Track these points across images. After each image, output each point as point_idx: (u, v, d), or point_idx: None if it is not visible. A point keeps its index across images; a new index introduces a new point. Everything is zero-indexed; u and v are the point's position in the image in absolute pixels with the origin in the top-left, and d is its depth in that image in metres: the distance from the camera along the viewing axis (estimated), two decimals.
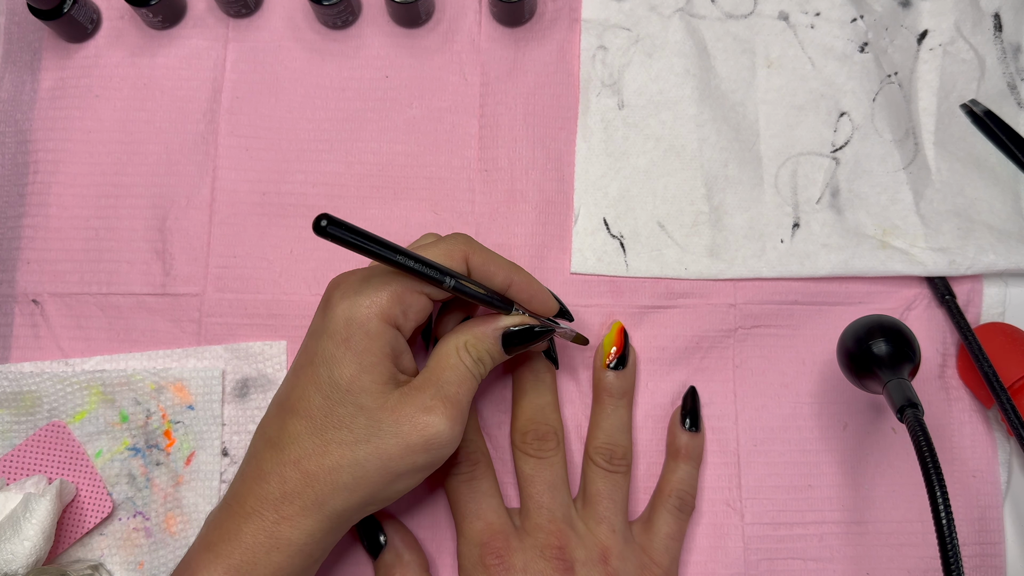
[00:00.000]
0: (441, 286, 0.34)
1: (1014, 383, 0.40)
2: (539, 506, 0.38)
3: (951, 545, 0.32)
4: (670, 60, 0.45)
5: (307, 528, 0.32)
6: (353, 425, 0.32)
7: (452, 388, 0.33)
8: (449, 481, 0.39)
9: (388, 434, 0.32)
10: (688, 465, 0.41)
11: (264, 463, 0.33)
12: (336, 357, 0.33)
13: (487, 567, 0.37)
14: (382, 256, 0.32)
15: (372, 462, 0.32)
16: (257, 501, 0.32)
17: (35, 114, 0.44)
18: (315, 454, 0.32)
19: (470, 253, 0.35)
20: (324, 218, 0.30)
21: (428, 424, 0.32)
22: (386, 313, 0.33)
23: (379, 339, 0.33)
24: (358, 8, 0.45)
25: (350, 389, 0.32)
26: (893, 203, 0.44)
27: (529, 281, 0.37)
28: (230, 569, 0.32)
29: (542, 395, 0.40)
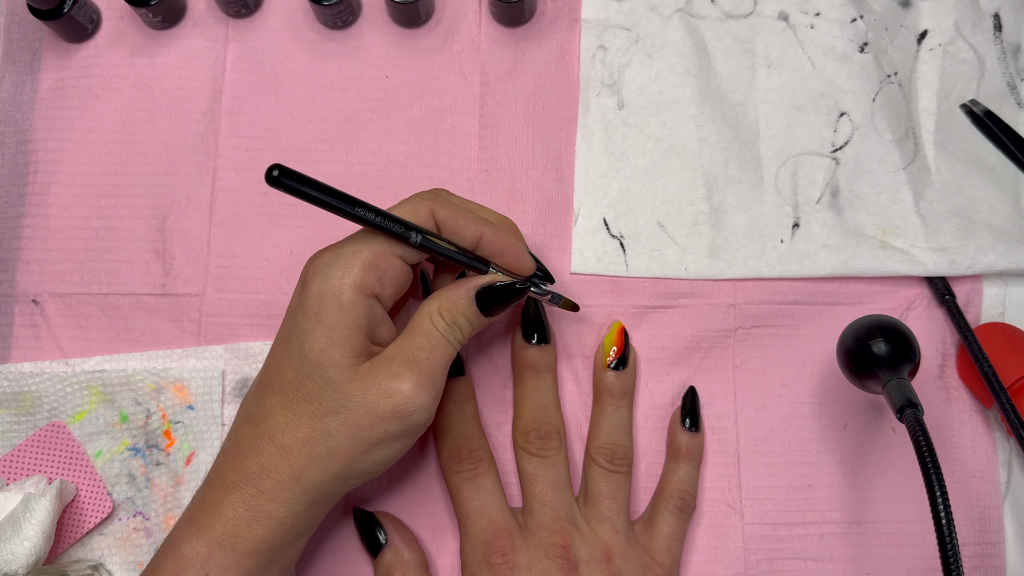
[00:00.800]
0: (407, 242, 0.33)
1: (1014, 383, 0.40)
2: (543, 505, 0.38)
3: (951, 545, 0.32)
4: (670, 60, 0.45)
5: (287, 501, 0.32)
6: (322, 398, 0.32)
7: (422, 354, 0.33)
8: (452, 479, 0.39)
9: (356, 404, 0.32)
10: (689, 465, 0.41)
11: (243, 438, 0.33)
12: (307, 331, 0.32)
13: (492, 565, 0.36)
14: (338, 208, 0.31)
15: (343, 432, 0.32)
16: (237, 475, 0.32)
17: (35, 114, 0.44)
18: (288, 427, 0.32)
19: (436, 207, 0.34)
20: (276, 168, 0.30)
21: (394, 390, 0.32)
22: (359, 282, 0.32)
23: (352, 310, 0.32)
24: (358, 8, 0.45)
25: (319, 363, 0.32)
26: (893, 203, 0.44)
27: (500, 235, 0.35)
28: (211, 541, 0.32)
29: (544, 394, 0.40)
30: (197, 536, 0.32)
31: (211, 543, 0.32)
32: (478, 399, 0.42)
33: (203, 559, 0.32)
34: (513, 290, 0.36)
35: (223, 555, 0.32)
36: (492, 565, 0.36)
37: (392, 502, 0.41)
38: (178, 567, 0.32)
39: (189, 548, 0.32)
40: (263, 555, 0.32)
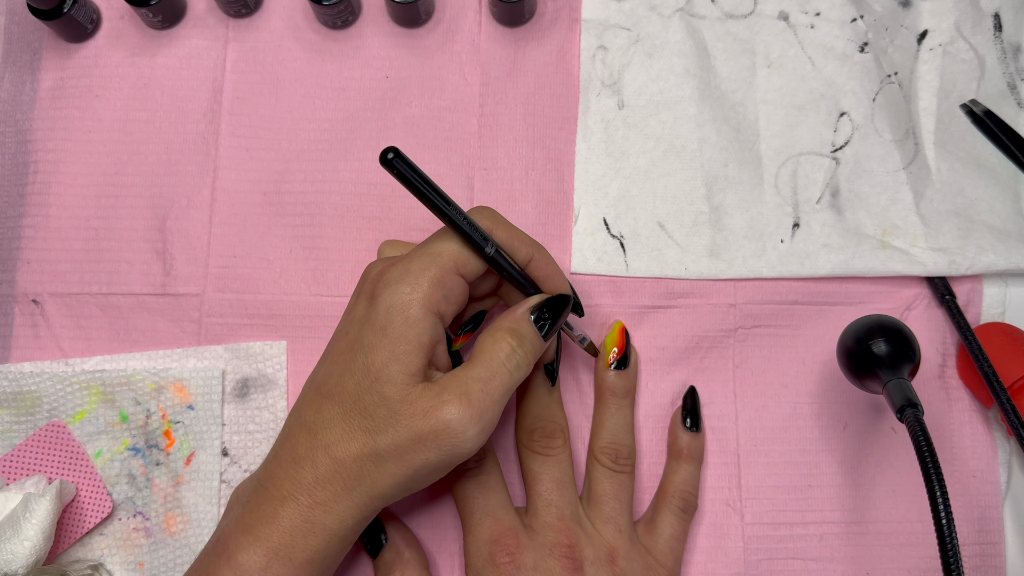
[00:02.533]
0: (482, 251, 0.34)
1: (1014, 383, 0.40)
2: (548, 504, 0.38)
3: (951, 545, 0.32)
4: (670, 60, 0.45)
5: (340, 513, 0.32)
6: (376, 413, 0.32)
7: (477, 385, 0.33)
8: (455, 478, 0.39)
9: (403, 427, 0.32)
10: (690, 465, 0.41)
11: (298, 446, 0.33)
12: (372, 344, 0.33)
13: (497, 565, 0.36)
14: (434, 203, 0.32)
15: (390, 453, 0.32)
16: (292, 485, 0.33)
17: (35, 114, 0.44)
18: (344, 440, 0.33)
19: (495, 227, 0.35)
20: (391, 151, 0.31)
21: (440, 417, 0.32)
22: (428, 299, 0.33)
23: (417, 326, 0.33)
24: (358, 8, 0.45)
25: (378, 377, 0.32)
26: (893, 203, 0.44)
27: (549, 260, 0.37)
28: (269, 551, 0.32)
29: (547, 393, 0.40)
30: (254, 546, 0.32)
31: (268, 553, 0.32)
32: None
33: (261, 568, 0.32)
34: (563, 303, 0.36)
35: (280, 565, 0.32)
36: (498, 564, 0.36)
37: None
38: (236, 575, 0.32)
39: (246, 557, 0.32)
40: (317, 564, 0.33)
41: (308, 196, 0.44)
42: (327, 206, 0.44)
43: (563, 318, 0.36)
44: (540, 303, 0.36)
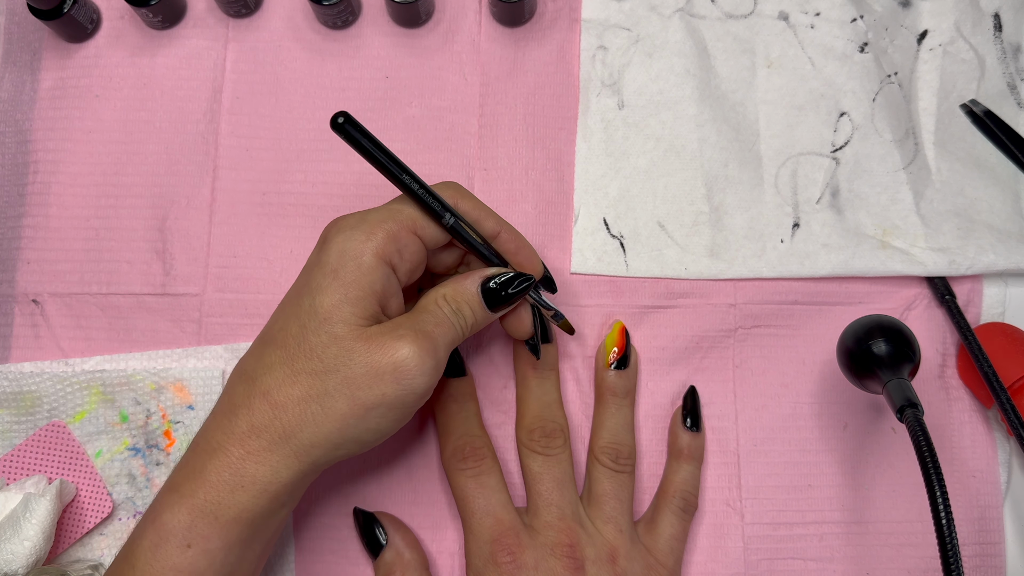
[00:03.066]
0: (440, 221, 0.34)
1: (1014, 383, 0.40)
2: (548, 503, 0.38)
3: (951, 545, 0.32)
4: (670, 60, 0.45)
5: (273, 464, 0.31)
6: (324, 354, 0.31)
7: (428, 326, 0.33)
8: (456, 477, 0.39)
9: (357, 362, 0.31)
10: (691, 465, 0.41)
11: (235, 396, 0.32)
12: (322, 286, 0.32)
13: (498, 564, 0.36)
14: (387, 169, 0.32)
15: (340, 391, 0.31)
16: (224, 436, 0.32)
17: (35, 114, 0.44)
18: (285, 384, 0.32)
19: (459, 199, 0.35)
20: (342, 115, 0.31)
21: (397, 349, 0.31)
22: (381, 248, 0.33)
23: (370, 273, 0.32)
24: (358, 8, 0.45)
25: (328, 318, 0.32)
26: (893, 203, 0.44)
27: (516, 234, 0.36)
28: (193, 509, 0.31)
29: (548, 392, 0.40)
30: (179, 504, 0.31)
31: (193, 511, 0.31)
32: (479, 400, 0.42)
33: (185, 528, 0.30)
34: (519, 283, 0.36)
35: (205, 524, 0.31)
36: (499, 564, 0.36)
37: (392, 502, 0.41)
38: (159, 537, 0.31)
39: (170, 517, 0.31)
40: (246, 524, 0.31)
41: (308, 196, 0.44)
42: (327, 206, 0.44)
43: (519, 295, 0.36)
44: (493, 275, 0.35)
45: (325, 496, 0.41)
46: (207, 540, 0.31)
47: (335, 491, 0.41)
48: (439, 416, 0.40)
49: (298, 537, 0.41)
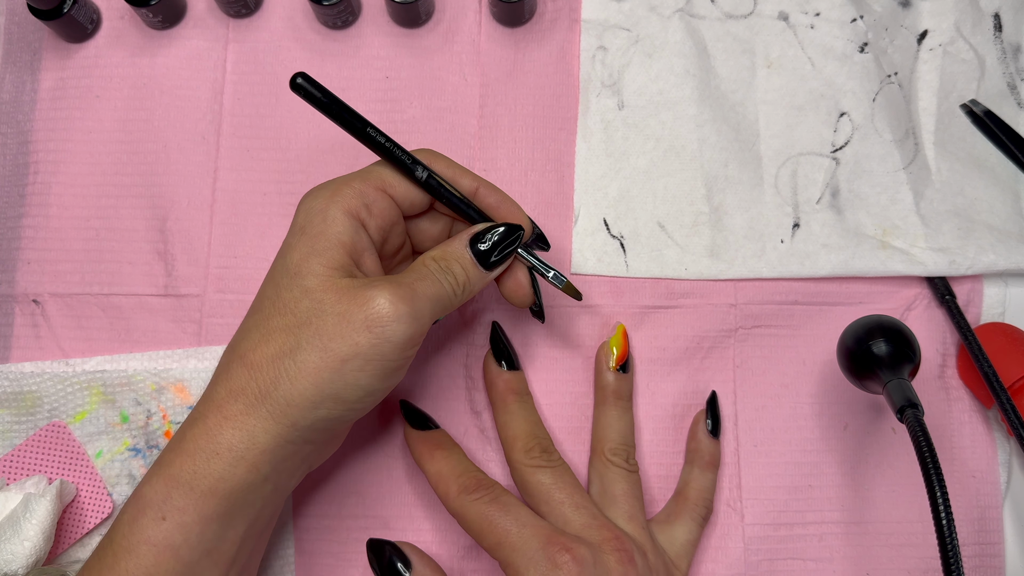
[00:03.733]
0: (413, 175, 0.33)
1: (1014, 383, 0.40)
2: (577, 507, 0.36)
3: (951, 545, 0.32)
4: (670, 60, 0.45)
5: (249, 428, 0.30)
6: (296, 308, 0.31)
7: (408, 279, 0.32)
8: (472, 508, 0.35)
9: (328, 313, 0.30)
10: (713, 473, 0.40)
11: (218, 368, 0.32)
12: (291, 245, 0.32)
13: (559, 565, 0.33)
14: (350, 124, 0.32)
15: (313, 343, 0.30)
16: (203, 405, 0.31)
17: (35, 114, 0.44)
18: (260, 344, 0.31)
19: (432, 159, 0.35)
20: (300, 75, 0.31)
21: (369, 298, 0.30)
22: (346, 203, 0.32)
23: (335, 224, 0.32)
24: (358, 8, 0.45)
25: (298, 272, 0.31)
26: (893, 203, 0.44)
27: (496, 189, 0.36)
28: (169, 479, 0.30)
29: (532, 413, 0.40)
30: (157, 475, 0.30)
31: (169, 481, 0.30)
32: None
33: (161, 500, 0.30)
34: (510, 234, 0.35)
35: (181, 495, 0.30)
36: (559, 564, 0.33)
37: (393, 504, 0.41)
38: (137, 510, 0.30)
39: (148, 488, 0.30)
40: (223, 496, 0.30)
41: None
42: None
43: (512, 247, 0.35)
44: (482, 230, 0.34)
45: (325, 498, 0.41)
46: (182, 512, 0.30)
47: (335, 492, 0.41)
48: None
49: (298, 539, 0.41)
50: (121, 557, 0.30)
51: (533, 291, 0.37)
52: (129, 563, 0.29)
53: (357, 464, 0.41)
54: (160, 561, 0.29)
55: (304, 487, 0.41)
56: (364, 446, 0.42)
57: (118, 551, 0.30)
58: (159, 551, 0.29)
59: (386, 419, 0.42)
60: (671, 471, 0.42)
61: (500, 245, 0.34)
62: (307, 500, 0.41)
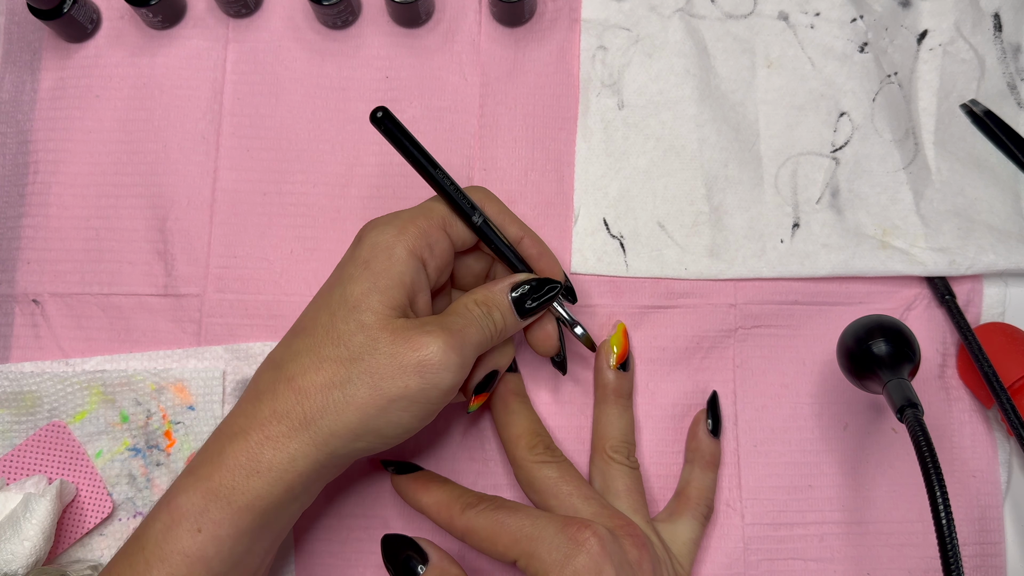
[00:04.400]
0: (470, 219, 0.35)
1: (1014, 383, 0.40)
2: (586, 498, 0.37)
3: (951, 545, 0.32)
4: (670, 60, 0.45)
5: (291, 451, 0.31)
6: (351, 342, 0.32)
7: (456, 325, 0.33)
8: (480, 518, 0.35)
9: (382, 352, 0.31)
10: (714, 472, 0.41)
11: (261, 383, 0.33)
12: (353, 276, 0.33)
13: (581, 542, 0.33)
14: (421, 165, 0.34)
15: (363, 379, 0.31)
16: (246, 420, 0.32)
17: (35, 114, 0.44)
18: (310, 370, 0.32)
19: (485, 202, 0.36)
20: (381, 110, 0.33)
21: (423, 343, 0.31)
22: (412, 243, 0.33)
23: (400, 264, 0.33)
24: (358, 8, 0.45)
25: (357, 306, 0.32)
26: (893, 203, 0.44)
27: (539, 241, 0.37)
28: (208, 493, 0.30)
29: (532, 412, 0.40)
30: (195, 487, 0.31)
31: (207, 495, 0.30)
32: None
33: (198, 512, 0.30)
34: (546, 290, 0.36)
35: (218, 509, 0.30)
36: (581, 542, 0.33)
37: (394, 503, 0.41)
38: (172, 519, 0.30)
39: (185, 499, 0.31)
40: (259, 513, 0.31)
41: (308, 196, 0.44)
42: (327, 207, 0.44)
43: (548, 301, 0.36)
44: (523, 280, 0.36)
45: (325, 497, 0.41)
46: (218, 526, 0.30)
47: (335, 492, 0.41)
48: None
49: (298, 539, 0.41)
50: (154, 565, 0.30)
51: (560, 343, 0.39)
52: (162, 572, 0.30)
53: (357, 464, 0.41)
54: (192, 572, 0.30)
55: None
56: None
57: (151, 559, 0.30)
58: (192, 562, 0.30)
59: None
60: (671, 471, 0.42)
61: (538, 297, 0.36)
62: None
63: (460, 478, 0.41)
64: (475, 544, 0.35)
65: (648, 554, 0.35)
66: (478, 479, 0.41)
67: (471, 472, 0.42)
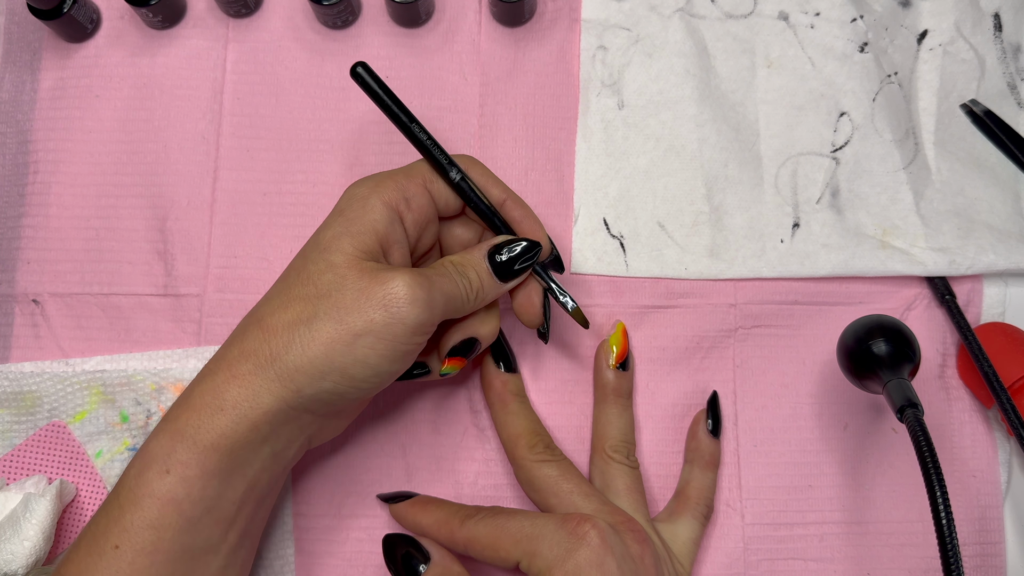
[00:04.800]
0: (448, 175, 0.35)
1: (1014, 383, 0.40)
2: (586, 495, 0.37)
3: (951, 545, 0.32)
4: (670, 60, 0.45)
5: (255, 388, 0.31)
6: (319, 280, 0.32)
7: (427, 272, 0.33)
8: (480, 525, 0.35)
9: (349, 289, 0.32)
10: (713, 472, 0.41)
11: (234, 331, 0.33)
12: (327, 224, 0.34)
13: (581, 536, 0.33)
14: (398, 118, 0.35)
15: (329, 314, 0.31)
16: (214, 363, 0.32)
17: (35, 114, 0.44)
18: (278, 310, 0.32)
19: (470, 165, 0.37)
20: (360, 65, 0.35)
21: (389, 278, 0.32)
22: (387, 195, 0.34)
23: (373, 212, 0.33)
24: (358, 8, 0.45)
25: (327, 247, 0.33)
26: (893, 203, 0.44)
27: (522, 204, 0.37)
28: (174, 433, 0.31)
29: (530, 412, 0.40)
30: (163, 430, 0.31)
31: (174, 436, 0.31)
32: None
33: (165, 454, 0.31)
34: (526, 248, 0.36)
35: (184, 449, 0.30)
36: (581, 535, 0.33)
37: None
38: (143, 464, 0.31)
39: (155, 443, 0.31)
40: (225, 453, 0.31)
41: (308, 196, 0.44)
42: (327, 207, 0.43)
43: (528, 264, 0.36)
44: (501, 242, 0.36)
45: (325, 497, 0.41)
46: (185, 466, 0.30)
47: (335, 492, 0.41)
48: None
49: (298, 539, 0.41)
50: (127, 510, 0.30)
51: (544, 313, 0.38)
52: (135, 516, 0.30)
53: (357, 464, 0.41)
54: (164, 514, 0.30)
55: (304, 487, 0.41)
56: (364, 446, 0.42)
57: (124, 504, 0.31)
58: (163, 504, 0.30)
59: (386, 419, 0.42)
60: (671, 471, 0.42)
61: (517, 259, 0.36)
62: (307, 500, 0.41)
63: (460, 478, 0.41)
64: (478, 554, 0.35)
65: (650, 549, 0.35)
66: (478, 479, 0.41)
67: (471, 472, 0.42)
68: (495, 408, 0.40)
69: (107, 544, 0.30)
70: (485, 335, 0.37)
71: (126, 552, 0.30)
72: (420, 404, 0.42)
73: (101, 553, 0.30)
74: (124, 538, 0.30)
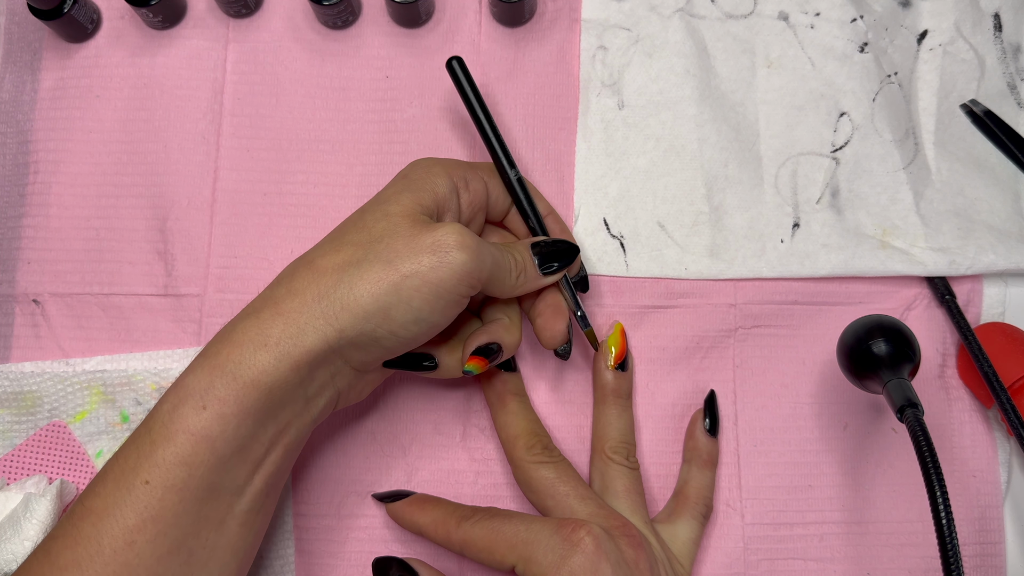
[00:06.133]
0: (507, 173, 0.38)
1: (1014, 383, 0.40)
2: (582, 498, 0.37)
3: (951, 545, 0.32)
4: (670, 60, 0.45)
5: (300, 325, 0.31)
6: (374, 228, 0.33)
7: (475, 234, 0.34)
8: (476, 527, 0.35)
9: (401, 236, 0.32)
10: (711, 471, 0.41)
11: (283, 272, 0.34)
12: (389, 184, 0.36)
13: (575, 543, 0.33)
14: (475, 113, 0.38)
15: (379, 256, 0.32)
16: (260, 301, 0.32)
17: (35, 114, 0.44)
18: (330, 252, 0.33)
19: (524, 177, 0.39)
20: (456, 59, 0.38)
21: (440, 227, 0.33)
22: (450, 169, 0.36)
23: (434, 177, 0.35)
24: (358, 8, 0.45)
25: (386, 200, 0.34)
26: (893, 203, 0.44)
27: (564, 223, 0.40)
28: (214, 368, 0.30)
29: (529, 412, 0.40)
30: (202, 365, 0.31)
31: (213, 371, 0.30)
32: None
33: (204, 389, 0.30)
34: (567, 250, 0.37)
35: (224, 385, 0.30)
36: (575, 542, 0.33)
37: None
38: (178, 398, 0.30)
39: (192, 378, 0.30)
40: (264, 391, 0.30)
41: (308, 196, 0.44)
42: (328, 207, 0.44)
43: (566, 262, 0.37)
44: (546, 240, 0.38)
45: (325, 497, 0.41)
46: (223, 403, 0.30)
47: (335, 492, 0.41)
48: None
49: (298, 539, 0.41)
50: (160, 444, 0.30)
51: (568, 332, 0.38)
52: (167, 451, 0.30)
53: (357, 464, 0.41)
54: (197, 451, 0.30)
55: (304, 487, 0.41)
56: (364, 445, 0.42)
57: (156, 439, 0.30)
58: (197, 440, 0.30)
59: (387, 419, 0.42)
60: (671, 471, 0.42)
61: (559, 255, 0.37)
62: (307, 500, 0.41)
63: (460, 478, 0.41)
64: (474, 555, 0.35)
65: (645, 554, 0.35)
66: (478, 479, 0.41)
67: (471, 472, 0.42)
68: (494, 408, 0.40)
69: (137, 479, 0.30)
70: (509, 343, 0.37)
71: (156, 488, 0.30)
72: (420, 404, 0.42)
73: (130, 488, 0.30)
74: (155, 473, 0.30)
